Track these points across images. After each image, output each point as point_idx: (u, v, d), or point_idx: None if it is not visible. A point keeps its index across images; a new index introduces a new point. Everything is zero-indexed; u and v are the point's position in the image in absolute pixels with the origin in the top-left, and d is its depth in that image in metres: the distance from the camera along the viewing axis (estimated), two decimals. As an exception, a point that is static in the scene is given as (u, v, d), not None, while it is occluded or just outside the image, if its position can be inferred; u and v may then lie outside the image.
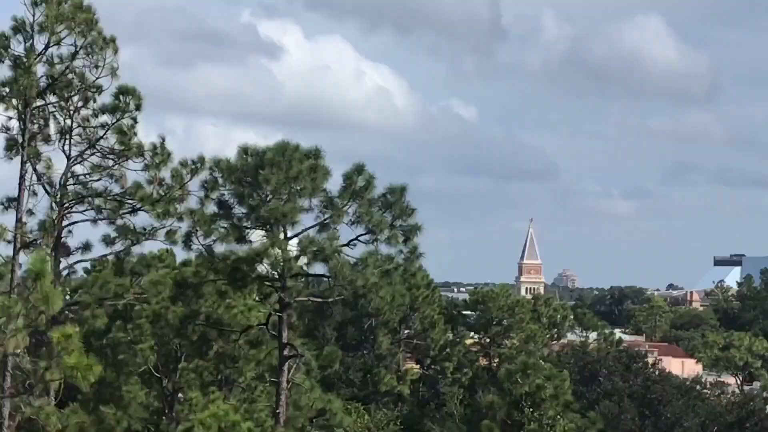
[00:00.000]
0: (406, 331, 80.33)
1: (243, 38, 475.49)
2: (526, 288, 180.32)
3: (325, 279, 37.85)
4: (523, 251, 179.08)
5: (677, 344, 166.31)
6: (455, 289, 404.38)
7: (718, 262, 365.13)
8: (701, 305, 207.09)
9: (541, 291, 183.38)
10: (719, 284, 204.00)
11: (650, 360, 61.77)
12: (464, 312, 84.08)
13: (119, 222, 32.62)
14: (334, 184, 37.99)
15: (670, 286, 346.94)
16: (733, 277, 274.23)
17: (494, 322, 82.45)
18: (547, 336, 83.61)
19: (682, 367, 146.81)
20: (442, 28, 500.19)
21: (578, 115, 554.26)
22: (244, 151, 37.37)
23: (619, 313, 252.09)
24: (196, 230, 36.24)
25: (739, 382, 75.93)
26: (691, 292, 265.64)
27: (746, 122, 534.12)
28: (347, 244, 38.00)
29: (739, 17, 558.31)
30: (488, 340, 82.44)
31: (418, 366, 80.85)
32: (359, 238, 37.97)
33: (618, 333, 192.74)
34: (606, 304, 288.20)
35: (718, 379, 76.39)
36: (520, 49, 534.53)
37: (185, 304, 37.98)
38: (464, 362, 79.89)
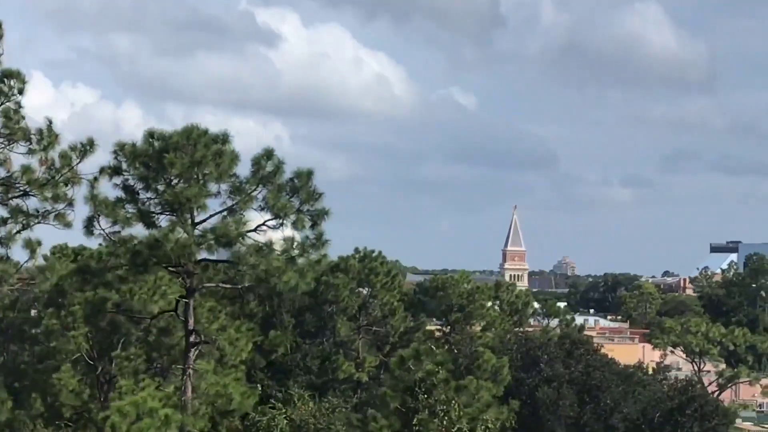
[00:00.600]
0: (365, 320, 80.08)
1: (240, 26, 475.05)
2: (510, 275, 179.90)
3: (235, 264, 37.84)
4: (507, 238, 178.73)
5: (660, 330, 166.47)
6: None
7: (714, 249, 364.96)
8: (694, 292, 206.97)
9: (525, 278, 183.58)
10: (704, 271, 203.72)
11: (616, 346, 61.74)
12: (424, 299, 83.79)
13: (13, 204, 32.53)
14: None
15: (666, 273, 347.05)
16: (728, 264, 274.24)
17: (454, 309, 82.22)
18: (509, 323, 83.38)
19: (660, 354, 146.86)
20: (440, 16, 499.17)
21: (577, 102, 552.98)
22: (150, 135, 37.26)
23: (613, 300, 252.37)
24: (98, 215, 36.20)
25: (696, 369, 75.75)
26: (685, 279, 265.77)
27: (746, 109, 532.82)
28: (255, 230, 37.96)
29: (738, 4, 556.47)
30: (448, 327, 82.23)
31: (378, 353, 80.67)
32: (266, 224, 37.97)
33: (592, 319, 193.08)
34: (600, 291, 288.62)
35: (678, 367, 76.35)
36: (519, 37, 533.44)
37: (91, 290, 37.85)
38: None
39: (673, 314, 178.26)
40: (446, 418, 35.31)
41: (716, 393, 74.96)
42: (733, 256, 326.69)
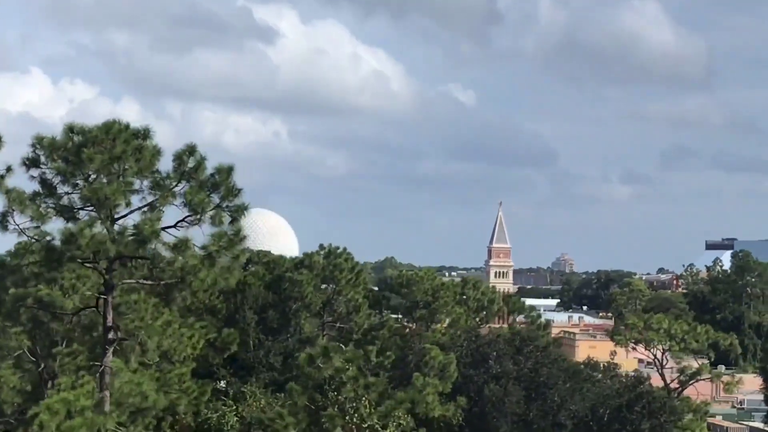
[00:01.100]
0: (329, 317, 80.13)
1: (238, 23, 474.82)
2: (496, 272, 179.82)
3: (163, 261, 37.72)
4: (492, 235, 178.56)
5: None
6: (446, 274, 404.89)
7: (710, 246, 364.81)
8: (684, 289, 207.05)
9: (510, 275, 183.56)
10: (689, 268, 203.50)
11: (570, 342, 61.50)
12: (389, 295, 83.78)
13: None
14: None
15: (660, 270, 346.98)
16: (724, 261, 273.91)
17: (420, 306, 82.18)
18: (476, 319, 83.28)
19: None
20: (436, 13, 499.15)
21: (575, 99, 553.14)
22: (70, 129, 37.12)
23: (605, 297, 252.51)
24: (12, 210, 36.10)
25: (659, 366, 75.58)
26: (677, 276, 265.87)
27: (744, 107, 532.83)
28: (174, 226, 37.85)
29: (736, 1, 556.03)
30: (414, 324, 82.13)
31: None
32: (186, 220, 37.85)
33: (576, 316, 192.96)
34: (593, 288, 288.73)
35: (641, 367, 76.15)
36: (517, 33, 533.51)
37: (12, 286, 37.75)
38: (389, 346, 79.55)
39: (658, 311, 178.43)
40: (356, 415, 35.15)
41: (679, 390, 75.02)
42: (729, 254, 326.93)
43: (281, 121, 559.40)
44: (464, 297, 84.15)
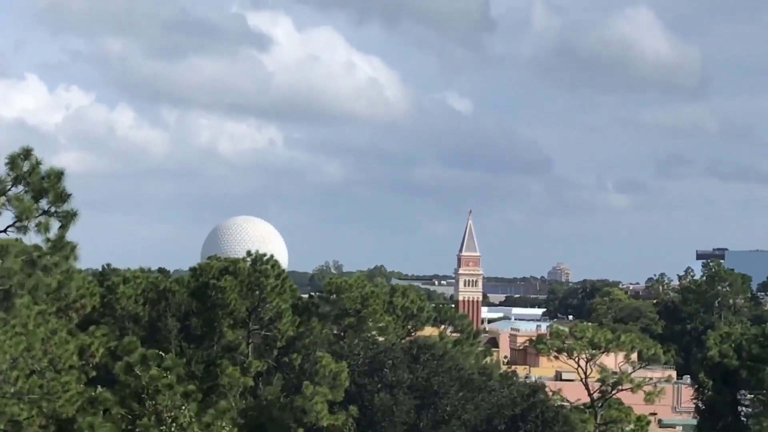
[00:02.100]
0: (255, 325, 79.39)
1: (232, 29, 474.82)
2: (465, 280, 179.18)
3: None
4: (462, 243, 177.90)
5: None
6: (435, 282, 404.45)
7: (700, 256, 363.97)
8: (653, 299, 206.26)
9: (480, 283, 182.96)
10: (660, 277, 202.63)
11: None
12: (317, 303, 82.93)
13: None
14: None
15: (649, 280, 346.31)
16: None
17: (349, 314, 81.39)
18: (407, 328, 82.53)
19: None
20: (429, 20, 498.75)
21: (570, 107, 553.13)
22: None
23: (587, 306, 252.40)
24: None
25: (584, 375, 74.90)
26: (664, 285, 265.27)
27: (739, 115, 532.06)
28: (4, 231, 37.31)
29: (730, 9, 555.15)
30: (342, 332, 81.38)
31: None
32: (15, 225, 37.30)
33: (545, 325, 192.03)
34: (579, 298, 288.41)
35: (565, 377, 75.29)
36: (510, 40, 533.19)
37: None
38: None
39: (628, 321, 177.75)
40: (174, 424, 34.54)
41: (602, 399, 74.38)
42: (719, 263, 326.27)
43: (276, 129, 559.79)
44: (393, 305, 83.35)
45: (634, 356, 78.71)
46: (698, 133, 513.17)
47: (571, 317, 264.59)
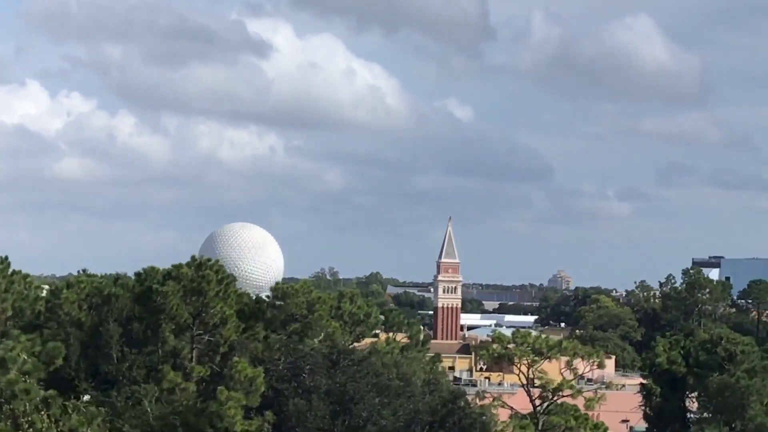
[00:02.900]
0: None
1: (232, 36, 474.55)
2: (444, 287, 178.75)
3: None
4: (441, 250, 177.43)
5: (592, 344, 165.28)
6: (431, 290, 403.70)
7: (696, 264, 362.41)
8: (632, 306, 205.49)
9: (459, 290, 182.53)
10: (640, 284, 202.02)
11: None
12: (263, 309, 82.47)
13: None
14: None
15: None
16: (712, 278, 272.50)
17: (295, 319, 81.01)
18: (355, 334, 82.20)
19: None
20: (428, 28, 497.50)
21: (570, 115, 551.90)
22: None
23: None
24: None
25: (527, 381, 74.64)
26: (654, 293, 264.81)
27: (740, 124, 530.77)
28: None
29: (730, 18, 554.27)
30: (287, 338, 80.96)
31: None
32: None
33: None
34: (571, 305, 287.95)
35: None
36: (510, 49, 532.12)
37: None
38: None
39: (608, 328, 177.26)
40: (31, 429, 34.21)
41: (544, 405, 74.09)
42: (715, 271, 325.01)
43: (277, 136, 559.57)
44: (340, 311, 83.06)
45: (577, 362, 78.35)
46: (699, 141, 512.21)
47: (563, 324, 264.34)
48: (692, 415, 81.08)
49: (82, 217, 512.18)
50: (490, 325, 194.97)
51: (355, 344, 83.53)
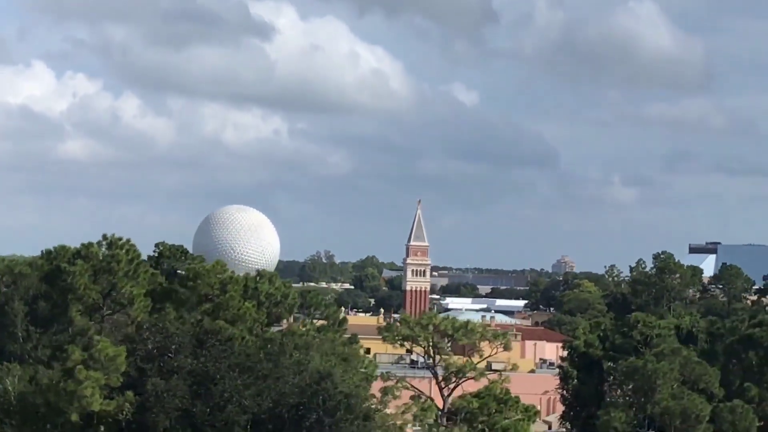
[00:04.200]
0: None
1: (235, 18, 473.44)
2: (413, 270, 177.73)
3: None
4: (411, 233, 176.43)
5: (560, 328, 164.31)
6: (435, 274, 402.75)
7: (693, 250, 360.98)
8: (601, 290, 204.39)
9: (428, 273, 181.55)
10: (611, 269, 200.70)
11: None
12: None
13: None
14: None
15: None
16: (708, 265, 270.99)
17: (207, 299, 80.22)
18: (264, 315, 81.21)
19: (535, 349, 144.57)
20: (429, 11, 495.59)
21: (574, 101, 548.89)
22: None
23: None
24: None
25: (433, 363, 73.78)
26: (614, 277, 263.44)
27: (744, 110, 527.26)
28: None
29: (734, 3, 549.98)
30: (199, 318, 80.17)
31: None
32: None
33: (489, 315, 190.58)
34: (560, 290, 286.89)
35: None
36: (513, 33, 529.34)
37: None
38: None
39: (576, 312, 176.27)
40: None
41: (450, 387, 73.30)
42: (712, 258, 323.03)
43: (281, 119, 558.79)
44: (257, 291, 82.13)
45: (484, 345, 77.39)
46: (704, 128, 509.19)
47: (552, 309, 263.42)
48: (609, 399, 79.99)
49: (86, 198, 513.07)
50: (461, 309, 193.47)
51: (275, 325, 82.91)
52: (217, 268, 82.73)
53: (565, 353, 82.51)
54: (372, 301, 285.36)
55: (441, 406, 74.03)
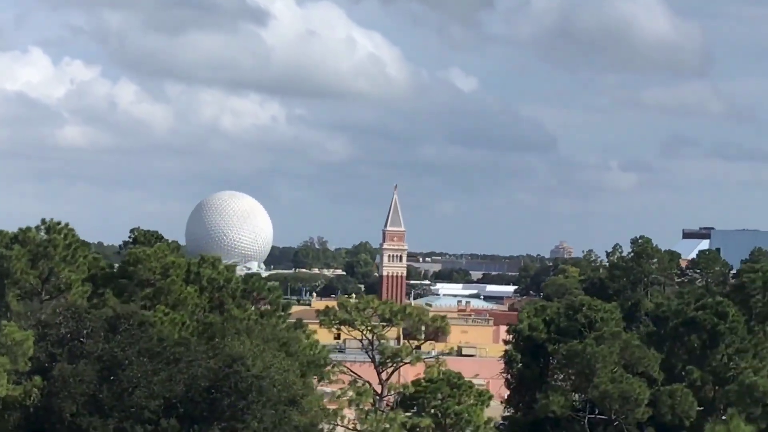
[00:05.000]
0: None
1: (230, 3, 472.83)
2: (389, 255, 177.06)
3: None
4: (387, 218, 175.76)
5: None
6: (420, 260, 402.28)
7: (686, 235, 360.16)
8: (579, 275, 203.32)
9: (404, 258, 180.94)
10: (588, 253, 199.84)
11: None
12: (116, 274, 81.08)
13: None
14: None
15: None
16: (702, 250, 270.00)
17: (149, 284, 79.56)
18: (206, 301, 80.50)
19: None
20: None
21: (571, 86, 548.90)
22: None
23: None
24: None
25: (372, 348, 73.12)
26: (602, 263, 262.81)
27: (742, 95, 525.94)
28: None
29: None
30: (141, 303, 79.48)
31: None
32: None
33: (464, 300, 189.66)
34: (551, 275, 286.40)
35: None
36: (509, 18, 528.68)
37: None
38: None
39: (553, 297, 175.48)
40: None
41: (388, 371, 72.71)
42: (705, 242, 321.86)
43: (279, 105, 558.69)
44: (199, 276, 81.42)
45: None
46: (701, 113, 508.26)
47: (542, 294, 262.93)
48: (553, 383, 79.20)
49: (85, 184, 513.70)
50: (440, 295, 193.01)
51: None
52: (159, 253, 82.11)
53: (510, 337, 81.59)
54: (362, 287, 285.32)
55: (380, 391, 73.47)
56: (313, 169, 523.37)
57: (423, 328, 76.77)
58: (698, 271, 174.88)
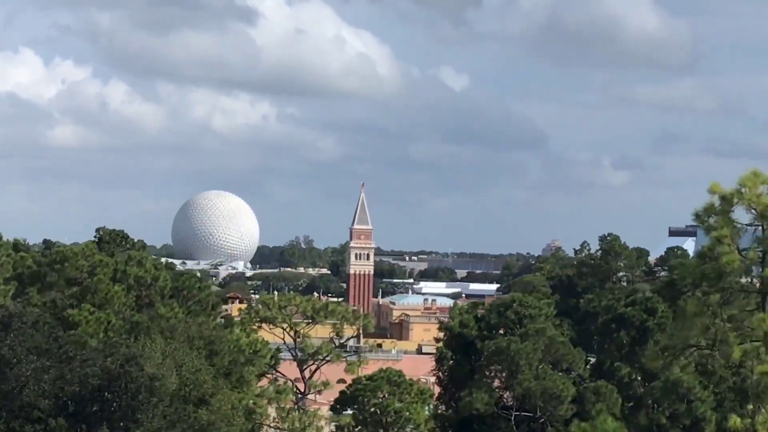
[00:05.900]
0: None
1: (218, 2, 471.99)
2: (356, 253, 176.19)
3: None
4: (354, 216, 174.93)
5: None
6: (407, 258, 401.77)
7: (673, 233, 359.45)
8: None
9: (371, 256, 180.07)
10: (556, 251, 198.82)
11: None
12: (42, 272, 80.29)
13: None
14: None
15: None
16: (688, 248, 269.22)
17: (77, 282, 78.86)
18: (133, 299, 79.80)
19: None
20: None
21: (561, 83, 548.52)
22: None
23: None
24: None
25: (295, 344, 72.32)
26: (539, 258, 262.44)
27: (732, 91, 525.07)
28: None
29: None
30: (66, 303, 78.74)
31: None
32: None
33: (422, 298, 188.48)
34: (532, 272, 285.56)
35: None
36: (498, 16, 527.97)
37: None
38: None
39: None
40: None
41: (310, 368, 71.96)
42: (691, 240, 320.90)
43: (270, 104, 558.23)
44: (126, 275, 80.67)
45: (346, 326, 75.99)
46: (692, 109, 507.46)
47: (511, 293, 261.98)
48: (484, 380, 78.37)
49: (76, 184, 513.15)
50: (407, 293, 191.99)
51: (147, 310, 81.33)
52: (86, 251, 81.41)
53: (442, 335, 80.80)
54: (345, 285, 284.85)
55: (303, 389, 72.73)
56: (304, 168, 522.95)
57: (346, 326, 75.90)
58: (666, 268, 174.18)
